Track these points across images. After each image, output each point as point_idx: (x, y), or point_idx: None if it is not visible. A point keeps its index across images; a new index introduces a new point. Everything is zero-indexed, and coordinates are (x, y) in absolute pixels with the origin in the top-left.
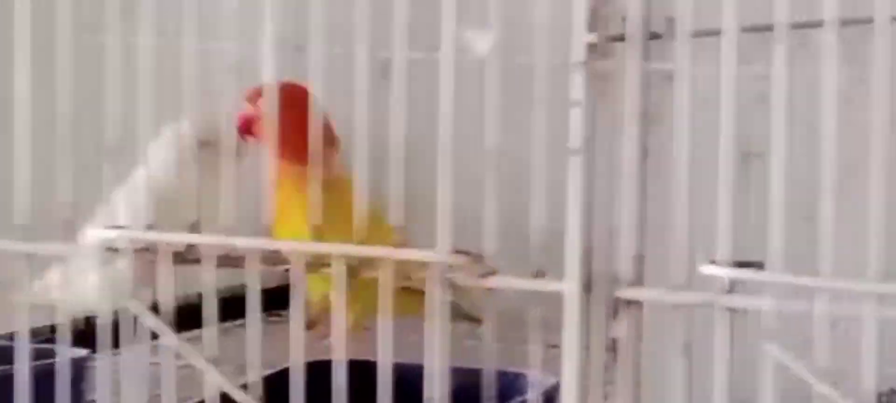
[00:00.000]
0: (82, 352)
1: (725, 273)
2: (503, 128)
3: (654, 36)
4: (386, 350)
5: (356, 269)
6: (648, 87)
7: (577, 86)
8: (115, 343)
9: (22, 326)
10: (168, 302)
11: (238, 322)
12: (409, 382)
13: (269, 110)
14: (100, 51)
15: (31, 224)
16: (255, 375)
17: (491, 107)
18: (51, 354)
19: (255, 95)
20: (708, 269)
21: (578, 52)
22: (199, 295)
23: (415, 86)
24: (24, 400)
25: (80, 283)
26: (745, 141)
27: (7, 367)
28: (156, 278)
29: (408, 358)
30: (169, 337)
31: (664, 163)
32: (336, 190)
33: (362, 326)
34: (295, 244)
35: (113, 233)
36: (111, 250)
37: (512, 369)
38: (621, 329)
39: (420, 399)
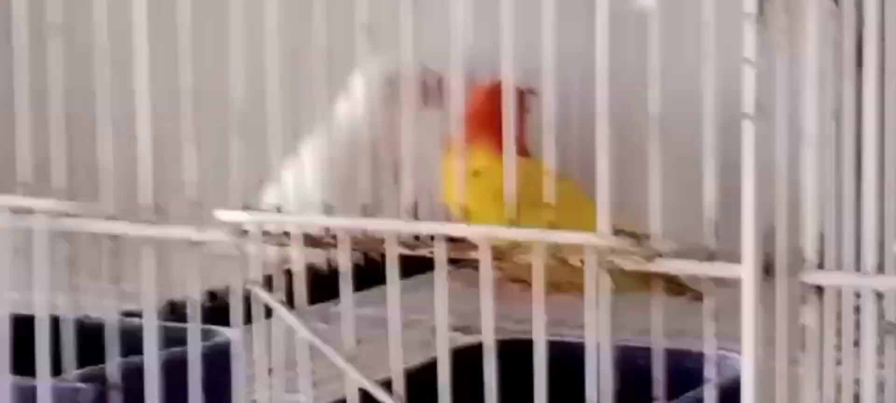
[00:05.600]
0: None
1: None
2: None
3: None
4: (540, 331)
5: (505, 253)
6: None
7: (749, 42)
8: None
9: (148, 308)
10: (302, 285)
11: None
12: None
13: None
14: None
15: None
16: (397, 368)
17: (653, 66)
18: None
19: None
20: None
21: (751, 2)
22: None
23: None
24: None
25: None
26: None
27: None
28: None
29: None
30: (292, 323)
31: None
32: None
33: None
34: (438, 226)
35: (243, 216)
36: (242, 233)
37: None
38: (809, 316)
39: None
